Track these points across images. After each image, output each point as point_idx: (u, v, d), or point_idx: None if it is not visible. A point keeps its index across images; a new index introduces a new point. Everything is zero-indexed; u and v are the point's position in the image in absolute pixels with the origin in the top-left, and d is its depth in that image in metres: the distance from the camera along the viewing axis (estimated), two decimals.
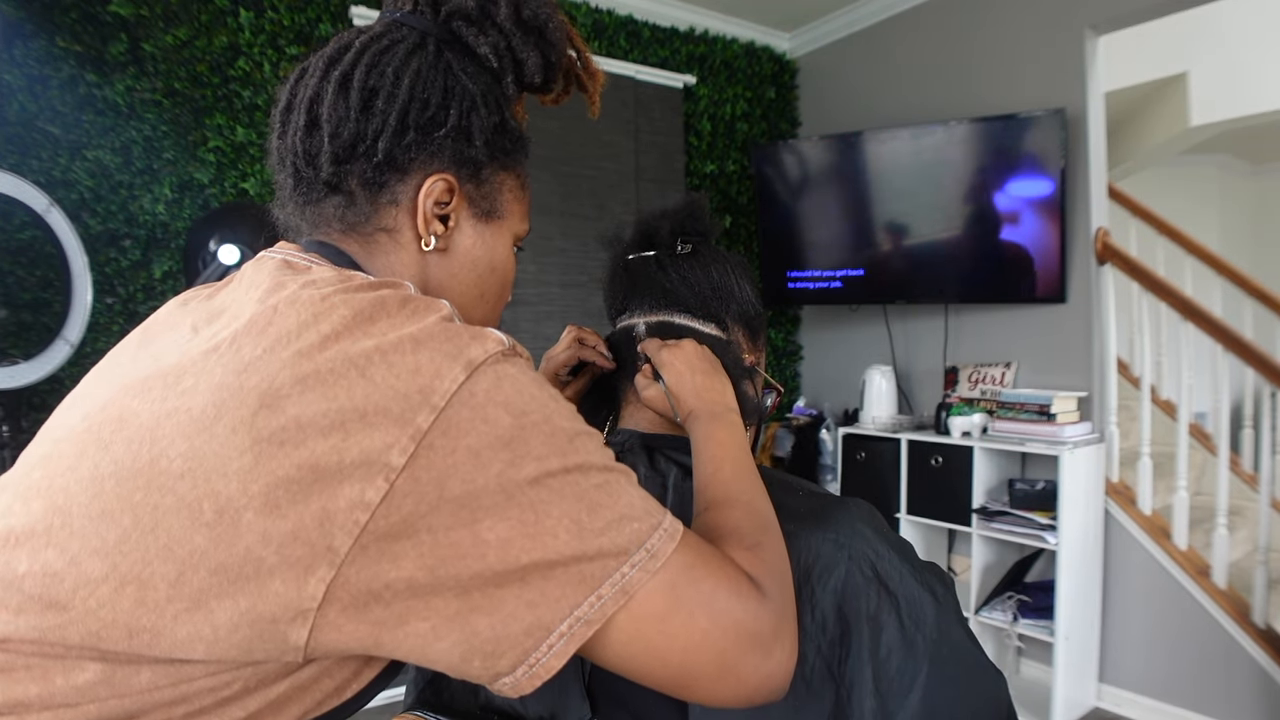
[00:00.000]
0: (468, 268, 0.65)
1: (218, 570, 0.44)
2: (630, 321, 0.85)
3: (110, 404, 0.50)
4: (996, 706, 0.71)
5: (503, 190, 0.65)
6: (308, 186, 0.61)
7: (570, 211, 2.95)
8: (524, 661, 0.47)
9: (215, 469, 0.44)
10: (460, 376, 0.47)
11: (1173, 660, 2.46)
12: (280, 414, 0.45)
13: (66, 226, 1.93)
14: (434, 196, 0.60)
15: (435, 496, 0.45)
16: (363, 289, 0.51)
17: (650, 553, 0.50)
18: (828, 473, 3.25)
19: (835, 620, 0.66)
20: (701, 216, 0.86)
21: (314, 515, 0.43)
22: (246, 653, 0.45)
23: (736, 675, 0.52)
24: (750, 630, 0.52)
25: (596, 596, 0.47)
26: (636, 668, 0.51)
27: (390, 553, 0.44)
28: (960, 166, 2.80)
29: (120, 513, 0.45)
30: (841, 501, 0.74)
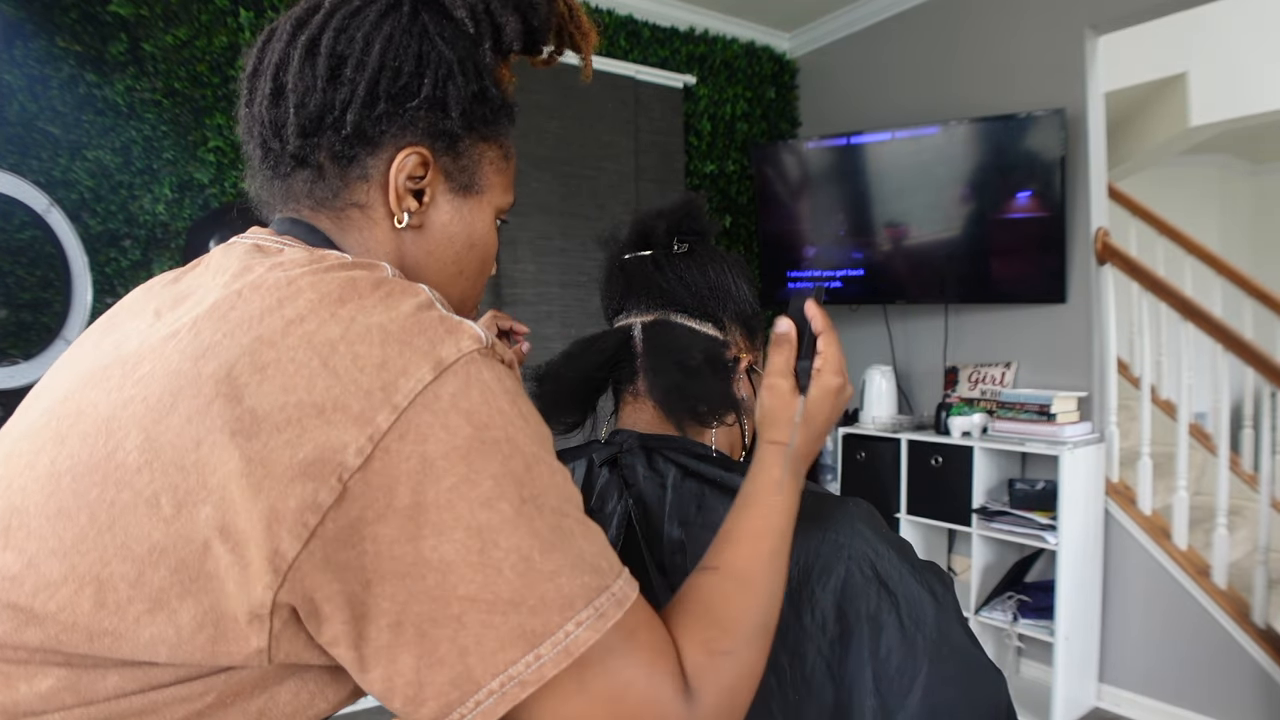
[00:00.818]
0: (445, 244, 0.60)
1: (179, 568, 0.41)
2: (627, 321, 0.85)
3: (69, 396, 0.47)
4: (996, 706, 0.70)
5: (482, 162, 0.61)
6: (275, 159, 0.57)
7: (570, 211, 2.95)
8: (447, 715, 0.43)
9: (173, 461, 0.42)
10: (427, 376, 0.43)
11: (1173, 660, 2.46)
12: (236, 404, 0.42)
13: (66, 226, 1.93)
14: (406, 171, 0.56)
15: (384, 504, 0.41)
16: (334, 269, 0.48)
17: (598, 612, 0.45)
18: (828, 473, 3.25)
19: (835, 620, 0.66)
20: (698, 216, 0.86)
21: (262, 514, 0.41)
22: (211, 656, 0.43)
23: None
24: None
25: (535, 655, 0.43)
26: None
27: (335, 562, 0.41)
28: (960, 166, 2.80)
29: (77, 510, 0.42)
30: (841, 501, 0.74)
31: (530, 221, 2.86)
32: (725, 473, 0.77)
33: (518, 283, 2.83)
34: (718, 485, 0.76)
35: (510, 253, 2.82)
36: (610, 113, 3.04)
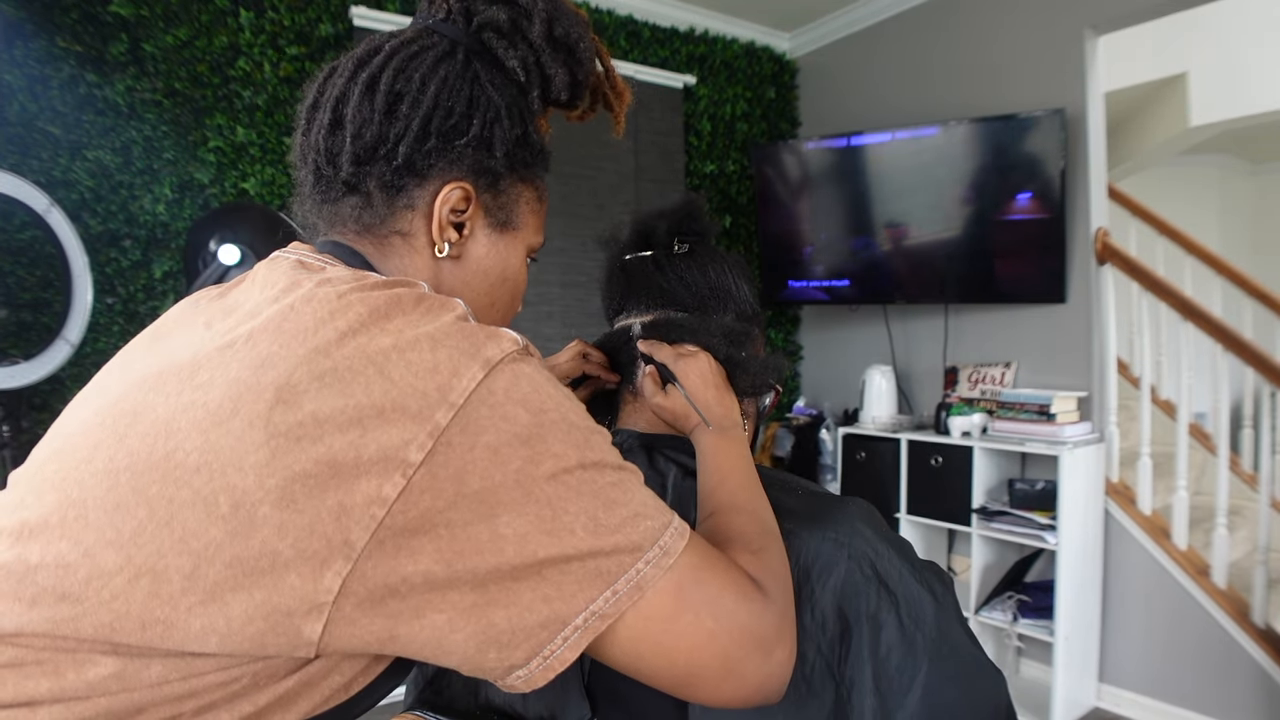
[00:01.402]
0: (480, 276, 0.65)
1: (233, 563, 0.44)
2: (627, 322, 0.85)
3: (124, 398, 0.50)
4: (996, 706, 0.71)
5: (520, 202, 0.66)
6: (327, 185, 0.61)
7: (570, 211, 2.95)
8: (538, 653, 0.48)
9: (231, 463, 0.44)
10: (479, 374, 0.47)
11: (1172, 660, 2.46)
12: (297, 409, 0.45)
13: (67, 226, 1.93)
14: (450, 204, 0.61)
15: (453, 492, 0.45)
16: (378, 287, 0.52)
17: (664, 550, 0.50)
18: (828, 473, 3.25)
19: (835, 619, 0.66)
20: (699, 216, 0.86)
21: (330, 510, 0.44)
22: (259, 646, 0.45)
23: (740, 675, 0.52)
24: (754, 631, 0.52)
25: (612, 591, 0.48)
26: (643, 665, 0.51)
27: (407, 547, 0.45)
28: (960, 166, 2.80)
29: (135, 505, 0.45)
30: (841, 501, 0.74)
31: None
32: None
33: None
34: None
35: None
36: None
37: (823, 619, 0.66)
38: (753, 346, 0.83)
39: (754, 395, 0.84)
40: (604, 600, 0.48)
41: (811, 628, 0.66)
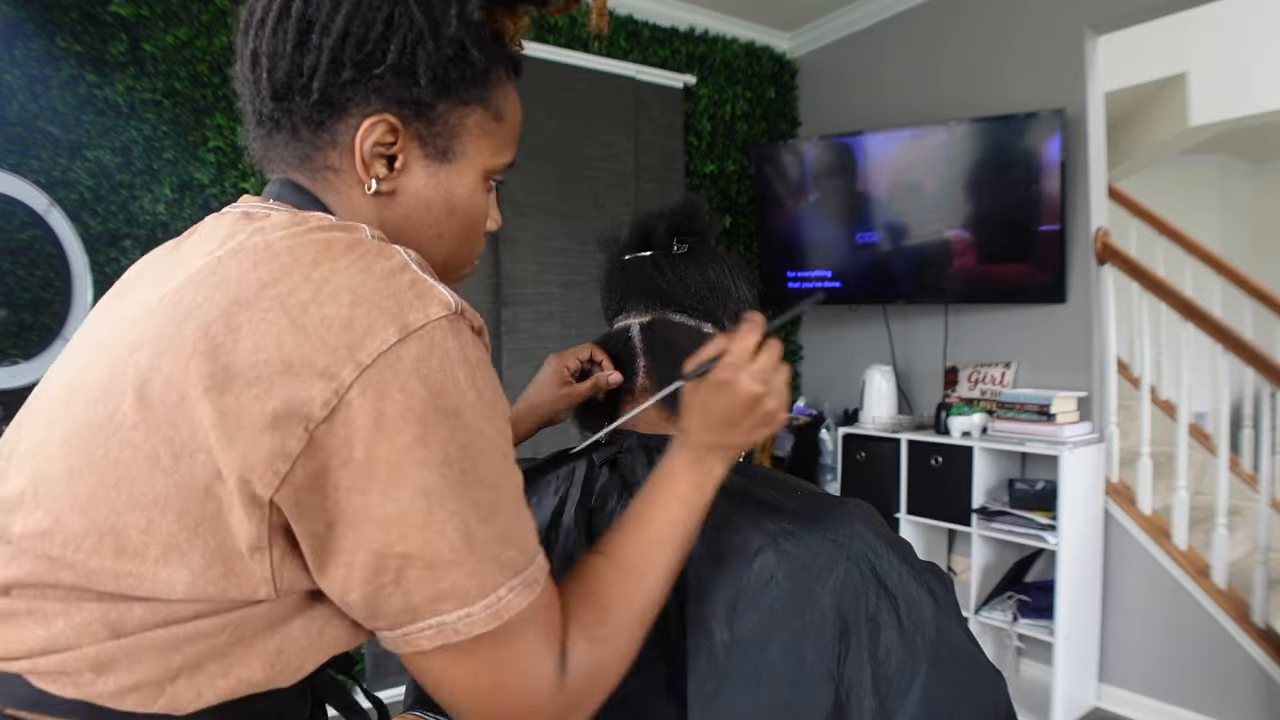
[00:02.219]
0: (421, 210, 0.59)
1: (183, 514, 0.46)
2: (627, 322, 0.85)
3: (80, 366, 0.52)
4: (996, 706, 0.71)
5: (463, 127, 0.59)
6: (259, 119, 0.58)
7: (570, 211, 2.95)
8: (394, 630, 0.49)
9: (164, 418, 0.46)
10: (392, 338, 0.46)
11: (1172, 660, 2.46)
12: (213, 361, 0.45)
13: (67, 226, 1.93)
14: (373, 138, 0.56)
15: (344, 455, 0.45)
16: (313, 231, 0.50)
17: (525, 582, 0.50)
18: (828, 473, 3.25)
19: (834, 620, 0.66)
20: (699, 216, 0.86)
21: (237, 462, 0.45)
22: (223, 589, 0.47)
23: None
24: (512, 709, 0.51)
25: (466, 612, 0.47)
26: (431, 681, 0.51)
27: (304, 504, 0.46)
28: (960, 166, 2.80)
29: (87, 470, 0.47)
30: (840, 502, 0.74)
31: (530, 221, 2.86)
32: None
33: (518, 283, 2.83)
34: None
35: (510, 253, 2.82)
36: (610, 113, 3.03)
37: (822, 620, 0.66)
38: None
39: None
40: (455, 617, 0.48)
41: (811, 629, 0.66)
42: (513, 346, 2.79)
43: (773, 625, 0.66)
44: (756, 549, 0.69)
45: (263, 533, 0.46)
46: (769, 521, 0.71)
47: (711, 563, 0.70)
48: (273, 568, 0.47)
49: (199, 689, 0.48)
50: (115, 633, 0.47)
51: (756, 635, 0.66)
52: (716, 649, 0.66)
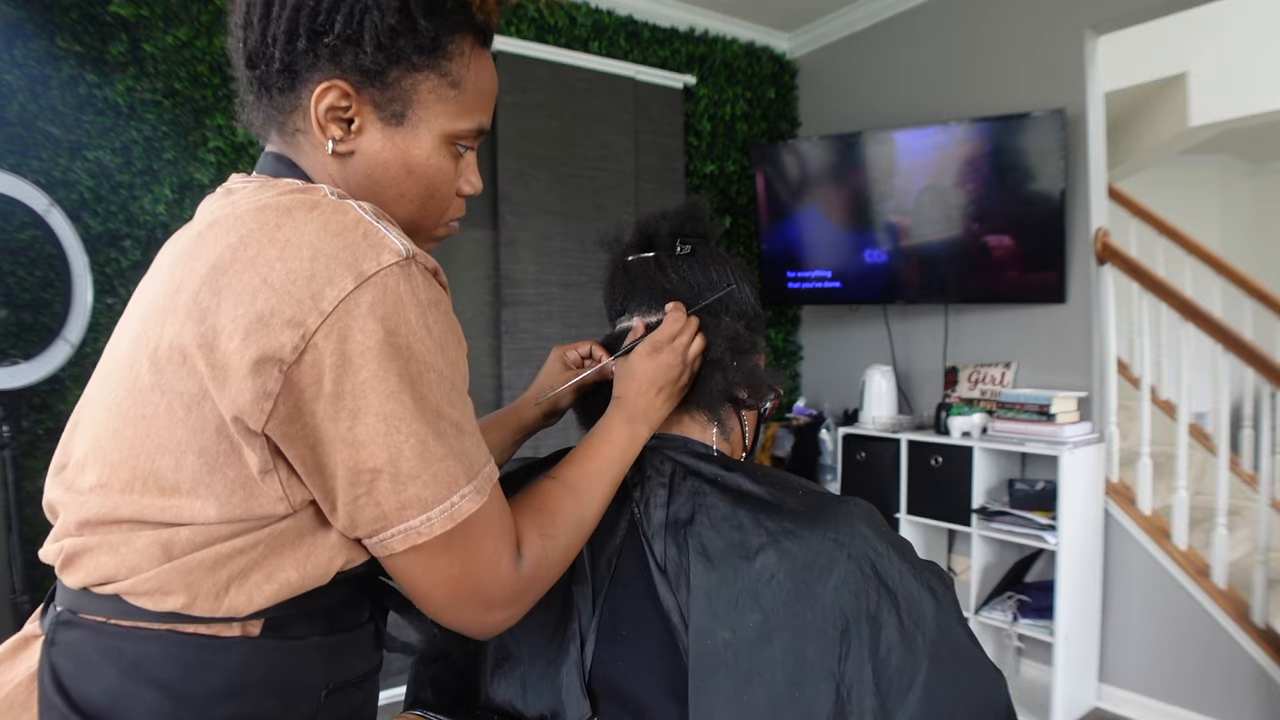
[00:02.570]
0: (379, 170, 0.64)
1: (202, 452, 0.55)
2: (629, 322, 0.85)
3: (114, 344, 0.61)
4: (996, 705, 0.71)
5: (416, 93, 0.63)
6: (246, 87, 0.65)
7: (570, 212, 2.95)
8: (371, 536, 0.57)
9: (173, 376, 0.54)
10: (349, 286, 0.52)
11: (1172, 660, 2.46)
12: (202, 323, 0.53)
13: (67, 227, 1.93)
14: (327, 101, 0.61)
15: (315, 390, 0.52)
16: (278, 197, 0.57)
17: (476, 489, 0.57)
18: (828, 473, 3.25)
19: (835, 619, 0.66)
20: (701, 218, 0.86)
21: (233, 405, 0.53)
22: (248, 509, 0.56)
23: (455, 615, 0.60)
24: (483, 591, 0.60)
25: (426, 517, 0.55)
26: (406, 579, 0.59)
27: (289, 433, 0.54)
28: (960, 166, 2.80)
29: (125, 427, 0.56)
30: (841, 500, 0.74)
31: (530, 221, 2.86)
32: (725, 471, 0.77)
33: (518, 283, 2.83)
34: (717, 484, 0.76)
35: (510, 253, 2.82)
36: (610, 113, 3.04)
37: (823, 618, 0.66)
38: (755, 352, 0.83)
39: (750, 408, 0.85)
40: (419, 521, 0.55)
41: (811, 627, 0.66)
42: (513, 346, 2.79)
43: (774, 624, 0.66)
44: (757, 547, 0.69)
45: (266, 458, 0.55)
46: (770, 520, 0.71)
47: (713, 561, 0.70)
48: (282, 486, 0.56)
49: (249, 594, 0.57)
50: (168, 555, 0.56)
51: (758, 634, 0.66)
52: (718, 647, 0.66)
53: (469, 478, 0.57)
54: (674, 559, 0.72)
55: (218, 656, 0.57)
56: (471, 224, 2.78)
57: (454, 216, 0.72)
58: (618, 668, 0.72)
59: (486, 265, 2.83)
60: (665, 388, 0.78)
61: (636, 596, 0.73)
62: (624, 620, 0.73)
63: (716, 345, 0.80)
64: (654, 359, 0.77)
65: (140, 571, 0.56)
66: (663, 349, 0.78)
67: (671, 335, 0.78)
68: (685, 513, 0.74)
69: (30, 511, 2.03)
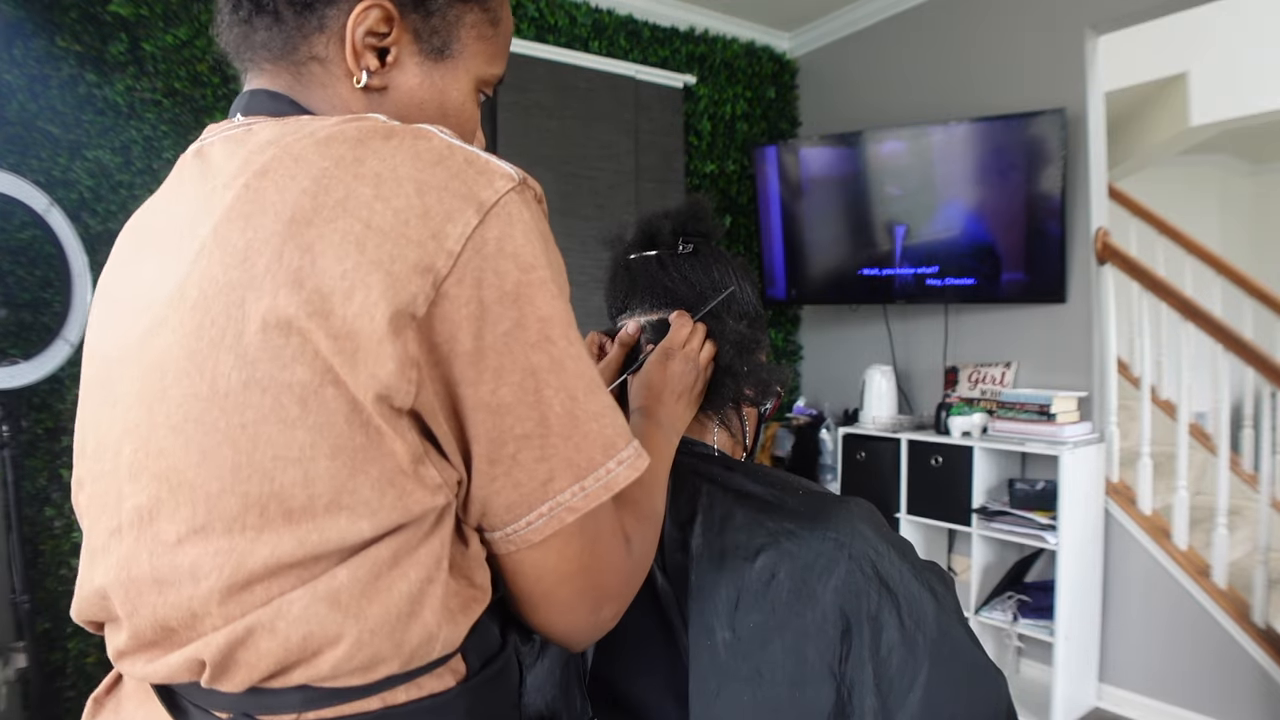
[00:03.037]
0: (413, 110, 0.55)
1: (335, 453, 0.43)
2: (631, 320, 0.85)
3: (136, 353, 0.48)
4: (996, 706, 0.71)
5: (460, 26, 0.56)
6: (236, 4, 0.55)
7: (570, 211, 2.95)
8: (501, 530, 0.48)
9: (272, 365, 0.42)
10: (473, 220, 0.44)
11: (1173, 660, 2.46)
12: (301, 288, 0.42)
13: (66, 226, 1.93)
14: (366, 25, 0.52)
15: (448, 348, 0.44)
16: (334, 128, 0.46)
17: (636, 453, 0.49)
18: (828, 473, 3.25)
19: (836, 619, 0.66)
20: (704, 217, 0.86)
21: (372, 381, 0.42)
22: (405, 511, 0.45)
23: (573, 615, 0.52)
24: (604, 583, 0.52)
25: (580, 486, 0.47)
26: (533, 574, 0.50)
27: (436, 406, 0.45)
28: (960, 166, 2.80)
29: (217, 447, 0.43)
30: (842, 500, 0.74)
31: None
32: (725, 471, 0.77)
33: None
34: (718, 484, 0.76)
35: None
36: (610, 113, 3.03)
37: (823, 619, 0.66)
38: (759, 352, 0.83)
39: (755, 405, 0.85)
40: (570, 494, 0.47)
41: (812, 628, 0.66)
42: None
43: (774, 624, 0.66)
44: (758, 548, 0.69)
45: (416, 443, 0.45)
46: (770, 520, 0.71)
47: (713, 562, 0.69)
48: (439, 471, 0.46)
49: (453, 617, 0.47)
50: (338, 605, 0.44)
51: (758, 634, 0.66)
52: (718, 648, 0.66)
53: (626, 439, 0.48)
54: (674, 559, 0.72)
55: (444, 712, 0.47)
56: None
57: None
58: (617, 668, 0.72)
59: None
60: (683, 394, 0.76)
61: (636, 597, 0.73)
62: (623, 620, 0.73)
63: (725, 350, 0.80)
64: (668, 366, 0.75)
65: (318, 643, 0.44)
66: (674, 356, 0.76)
67: (681, 341, 0.76)
68: (685, 513, 0.74)
69: (30, 511, 2.03)
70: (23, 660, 1.89)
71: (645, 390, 0.75)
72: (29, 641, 1.85)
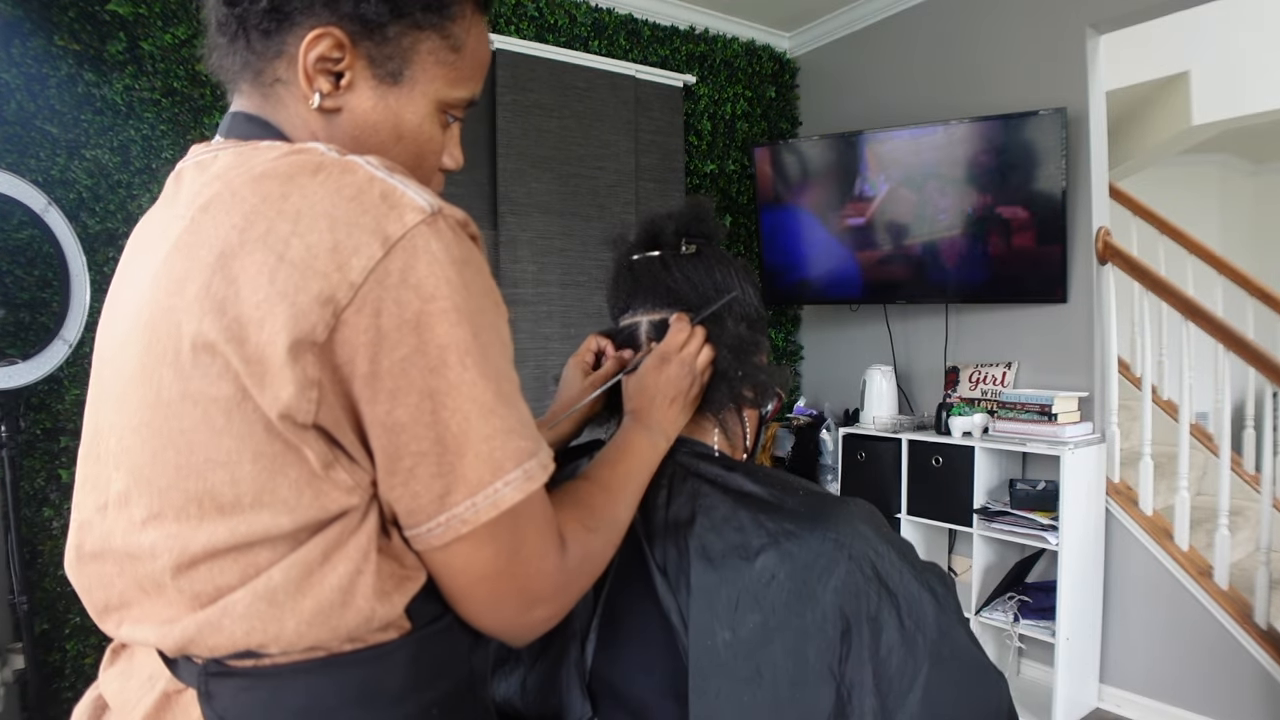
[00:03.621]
0: (367, 132, 0.59)
1: (257, 458, 0.49)
2: (634, 320, 0.85)
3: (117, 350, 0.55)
4: (997, 706, 0.70)
5: (415, 52, 0.59)
6: (218, 28, 0.59)
7: (570, 211, 2.94)
8: (409, 529, 0.52)
9: (200, 381, 0.48)
10: (378, 253, 0.47)
11: (1174, 661, 2.46)
12: (223, 315, 0.48)
13: (65, 226, 1.93)
14: (318, 51, 0.56)
15: (348, 371, 0.48)
16: (272, 163, 0.52)
17: (526, 475, 0.52)
18: (828, 473, 3.25)
19: (836, 619, 0.66)
20: (706, 218, 0.87)
21: (276, 400, 0.48)
22: (323, 509, 0.50)
23: (496, 614, 0.55)
24: (528, 586, 0.55)
25: (471, 503, 0.50)
26: (446, 574, 0.54)
27: (339, 421, 0.50)
28: (961, 166, 2.79)
29: (163, 448, 0.50)
30: (841, 501, 0.74)
31: (530, 221, 2.85)
32: (725, 472, 0.77)
33: (518, 283, 2.82)
34: (717, 484, 0.76)
35: (510, 253, 2.81)
36: (610, 112, 3.03)
37: (823, 619, 0.66)
38: (759, 355, 0.83)
39: (755, 407, 0.85)
40: (463, 508, 0.50)
41: (812, 628, 0.66)
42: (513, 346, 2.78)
43: (774, 625, 0.66)
44: (758, 548, 0.69)
45: (324, 451, 0.49)
46: (770, 521, 0.70)
47: (713, 562, 0.69)
48: (350, 475, 0.51)
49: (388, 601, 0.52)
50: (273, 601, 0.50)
51: (758, 635, 0.66)
52: (718, 648, 0.66)
53: (518, 461, 0.51)
54: (674, 560, 0.71)
55: (392, 658, 0.53)
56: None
57: (436, 190, 0.67)
58: (617, 668, 0.72)
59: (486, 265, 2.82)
60: (677, 399, 0.77)
61: (636, 597, 0.73)
62: (624, 621, 0.73)
63: (722, 354, 0.80)
64: (663, 370, 0.77)
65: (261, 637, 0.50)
66: (671, 359, 0.77)
67: (679, 345, 0.78)
68: (685, 513, 0.73)
69: (28, 512, 2.02)
70: (21, 661, 1.88)
71: (639, 394, 0.77)
72: (27, 643, 1.85)
